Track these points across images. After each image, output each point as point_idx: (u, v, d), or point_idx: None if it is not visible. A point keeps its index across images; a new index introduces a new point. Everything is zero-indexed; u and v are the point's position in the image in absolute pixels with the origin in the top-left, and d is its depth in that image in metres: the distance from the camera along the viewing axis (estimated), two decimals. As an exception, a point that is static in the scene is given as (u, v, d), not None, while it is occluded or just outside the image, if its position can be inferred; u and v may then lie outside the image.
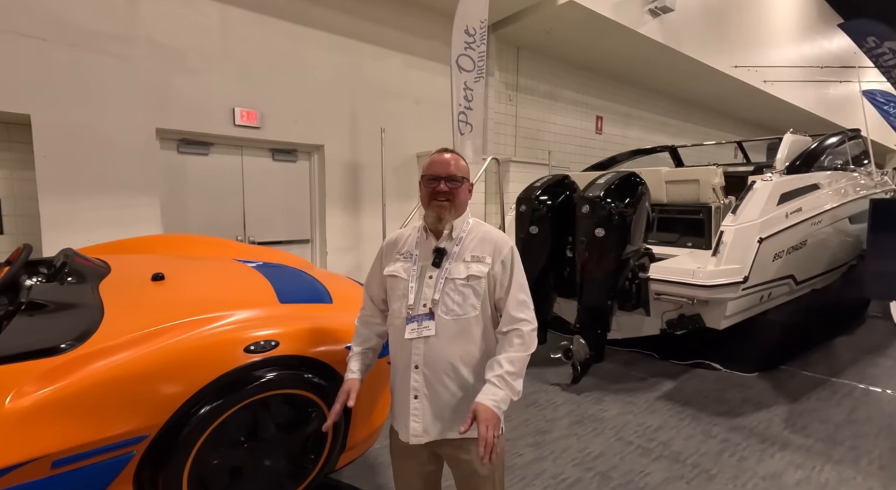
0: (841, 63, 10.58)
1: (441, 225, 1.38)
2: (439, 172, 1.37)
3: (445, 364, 1.32)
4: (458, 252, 1.37)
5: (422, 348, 1.32)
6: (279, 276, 2.35)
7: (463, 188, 1.40)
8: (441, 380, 1.32)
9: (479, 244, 1.38)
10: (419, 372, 1.33)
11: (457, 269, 1.34)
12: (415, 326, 1.33)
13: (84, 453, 1.25)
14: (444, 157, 1.40)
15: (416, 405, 1.34)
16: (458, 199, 1.38)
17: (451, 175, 1.37)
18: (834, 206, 4.07)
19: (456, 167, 1.39)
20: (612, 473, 2.47)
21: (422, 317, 1.32)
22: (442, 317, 1.32)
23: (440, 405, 1.33)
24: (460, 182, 1.39)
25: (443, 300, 1.32)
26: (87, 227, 3.81)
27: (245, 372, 1.52)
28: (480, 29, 4.53)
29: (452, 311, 1.32)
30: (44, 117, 3.64)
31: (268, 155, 5.04)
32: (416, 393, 1.33)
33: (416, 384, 1.33)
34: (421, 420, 1.34)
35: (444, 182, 1.36)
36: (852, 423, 3.03)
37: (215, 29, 4.40)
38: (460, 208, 1.40)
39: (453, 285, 1.33)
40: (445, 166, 1.38)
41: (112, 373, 1.33)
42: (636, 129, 9.40)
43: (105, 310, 1.64)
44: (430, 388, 1.33)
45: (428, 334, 1.31)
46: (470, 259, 1.35)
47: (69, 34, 3.70)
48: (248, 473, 1.62)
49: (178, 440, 1.41)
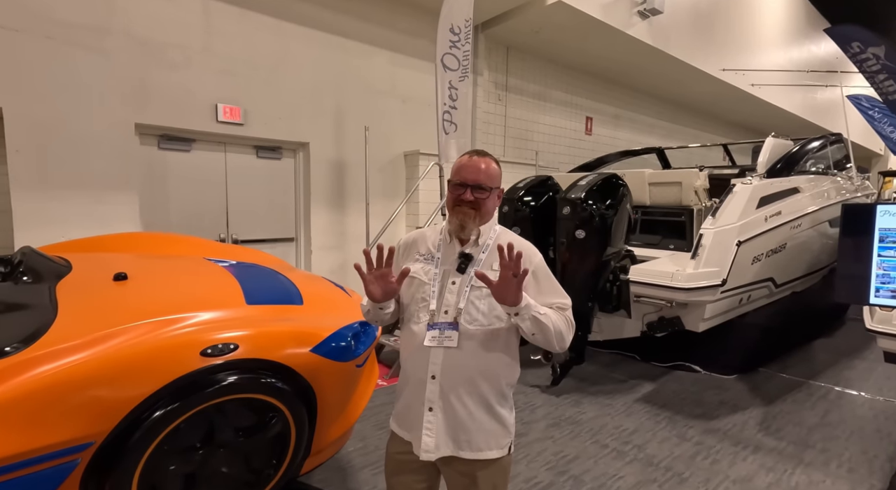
0: (829, 67, 10.68)
1: (464, 234, 1.31)
2: (467, 179, 1.28)
3: (465, 377, 1.25)
4: (484, 259, 1.30)
5: (440, 358, 1.25)
6: (250, 277, 2.32)
7: (491, 197, 1.30)
8: (458, 393, 1.25)
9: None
10: (436, 382, 1.25)
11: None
12: (436, 334, 1.25)
13: (22, 462, 1.20)
14: (474, 162, 1.29)
15: (430, 418, 1.26)
16: (485, 208, 1.30)
17: (478, 183, 1.27)
18: (814, 209, 4.10)
19: (486, 175, 1.28)
20: (585, 477, 2.46)
21: (444, 325, 1.25)
22: (466, 327, 1.25)
23: (456, 420, 1.26)
24: (488, 191, 1.29)
25: (467, 309, 1.25)
26: (62, 223, 3.73)
27: (200, 376, 1.49)
28: (465, 28, 4.50)
29: (477, 321, 1.25)
30: (16, 110, 3.56)
31: (252, 152, 4.98)
32: (430, 404, 1.26)
33: (432, 395, 1.25)
34: (434, 435, 1.25)
35: (470, 190, 1.27)
36: (825, 425, 3.05)
37: (197, 23, 4.33)
38: (486, 217, 1.32)
39: (479, 293, 1.26)
40: (475, 173, 1.28)
41: (56, 377, 1.28)
42: (626, 130, 9.42)
43: (59, 310, 1.60)
44: (444, 401, 1.25)
45: (449, 344, 1.24)
46: (498, 268, 1.25)
47: (43, 25, 3.62)
48: (205, 480, 1.58)
49: (126, 447, 1.37)
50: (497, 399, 1.30)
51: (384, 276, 1.26)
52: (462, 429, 1.27)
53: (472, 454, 1.28)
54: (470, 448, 1.27)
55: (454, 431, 1.27)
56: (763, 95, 9.86)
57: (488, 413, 1.28)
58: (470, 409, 1.26)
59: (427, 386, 1.26)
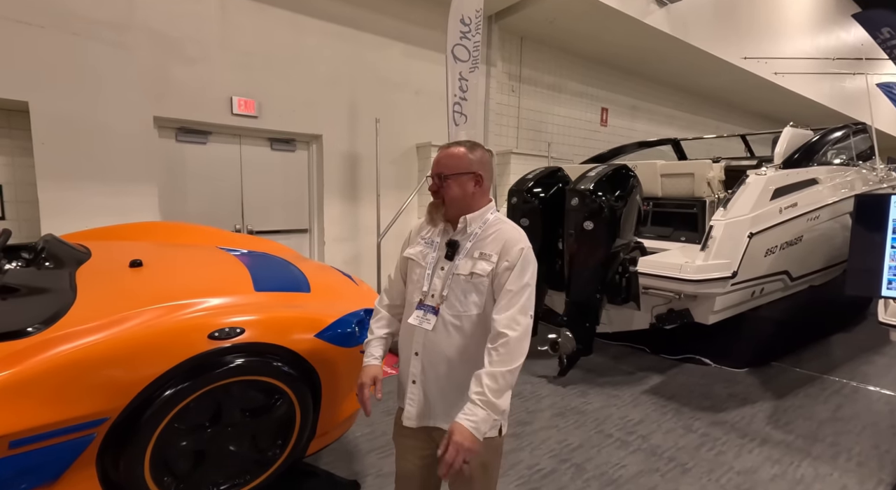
0: (859, 55, 10.28)
1: (432, 222, 1.39)
2: (433, 169, 1.38)
3: (442, 357, 1.33)
4: (469, 248, 1.35)
5: (422, 337, 1.35)
6: (259, 265, 2.39)
7: (454, 183, 1.34)
8: (437, 371, 1.34)
9: (492, 242, 1.34)
10: (418, 359, 1.35)
11: (464, 264, 1.33)
12: (420, 314, 1.35)
13: (43, 435, 1.29)
14: (441, 153, 1.37)
15: (413, 390, 1.36)
16: (449, 195, 1.35)
17: (438, 172, 1.36)
18: (833, 201, 3.99)
19: (446, 164, 1.35)
20: (587, 465, 2.48)
21: (428, 308, 1.34)
22: (444, 311, 1.33)
23: (434, 394, 1.35)
24: (448, 178, 1.34)
25: (448, 296, 1.33)
26: (85, 213, 3.87)
27: (208, 358, 1.56)
28: (476, 18, 4.48)
29: (454, 307, 1.32)
30: (42, 104, 3.69)
31: (266, 144, 5.06)
32: (413, 378, 1.36)
33: (415, 370, 1.36)
34: (415, 405, 1.36)
35: (435, 179, 1.36)
36: (837, 420, 3.01)
37: (213, 17, 4.41)
38: (454, 204, 1.35)
39: (458, 281, 1.32)
40: (436, 163, 1.36)
41: (74, 356, 1.37)
42: (643, 121, 9.25)
43: (78, 294, 1.69)
44: (426, 376, 1.35)
45: (427, 327, 1.33)
46: (478, 256, 1.32)
47: (67, 22, 3.73)
48: (213, 458, 1.66)
49: (139, 423, 1.45)
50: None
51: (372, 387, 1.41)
52: (440, 402, 1.35)
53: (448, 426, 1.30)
54: (446, 422, 1.31)
55: (433, 405, 1.36)
56: (787, 84, 9.56)
57: (464, 394, 1.29)
58: (447, 384, 1.34)
59: (411, 360, 1.37)
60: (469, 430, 1.17)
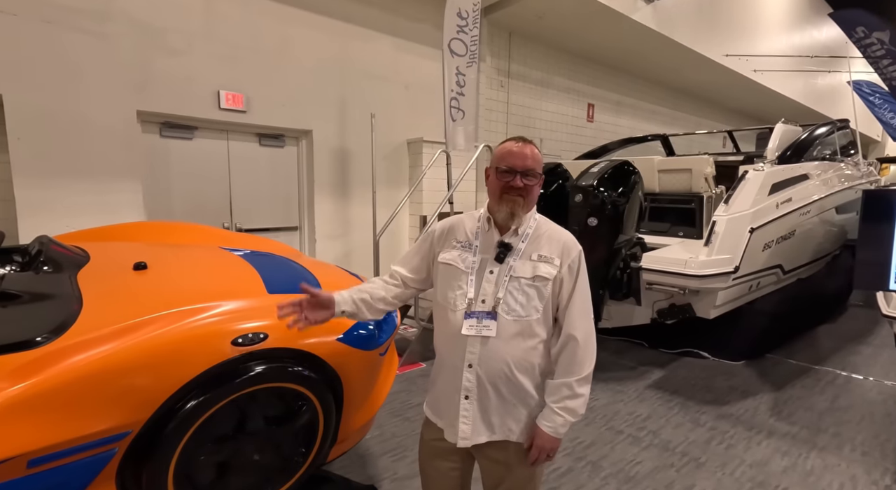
0: (831, 53, 10.63)
1: (513, 221, 1.28)
2: (516, 165, 1.25)
3: (501, 366, 1.25)
4: (523, 249, 1.28)
5: (478, 347, 1.25)
6: (267, 265, 2.29)
7: (538, 183, 1.30)
8: (494, 382, 1.26)
9: (548, 243, 1.29)
10: (472, 371, 1.26)
11: (522, 267, 1.26)
12: (474, 323, 1.25)
13: (62, 452, 1.19)
14: (522, 148, 1.27)
15: (467, 406, 1.27)
16: (532, 195, 1.29)
17: (528, 169, 1.25)
18: (822, 196, 4.10)
19: (534, 161, 1.27)
20: (603, 463, 2.48)
21: (482, 314, 1.25)
22: (503, 317, 1.24)
23: (490, 408, 1.27)
24: (537, 177, 1.28)
25: (505, 299, 1.25)
26: (66, 212, 3.68)
27: (233, 365, 1.47)
28: (473, 12, 4.43)
29: (514, 312, 1.25)
30: (17, 97, 3.48)
31: (254, 140, 4.91)
32: (467, 393, 1.26)
33: (469, 384, 1.26)
34: (471, 422, 1.27)
35: (520, 177, 1.25)
36: (835, 410, 3.09)
37: (198, 7, 4.23)
38: (531, 204, 1.31)
39: (517, 284, 1.25)
40: (523, 159, 1.26)
41: (91, 367, 1.26)
42: (627, 117, 9.37)
43: (84, 300, 1.57)
44: (481, 389, 1.26)
45: (488, 334, 1.24)
46: (537, 258, 1.26)
47: (42, 9, 3.52)
48: (236, 468, 1.58)
49: (162, 436, 1.35)
50: (534, 388, 1.29)
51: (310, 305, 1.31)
52: (496, 415, 1.28)
53: (504, 436, 1.29)
54: (503, 432, 1.28)
55: (488, 418, 1.28)
56: (765, 81, 9.83)
57: (524, 402, 1.28)
58: (506, 397, 1.27)
59: (463, 374, 1.27)
60: (549, 433, 1.25)
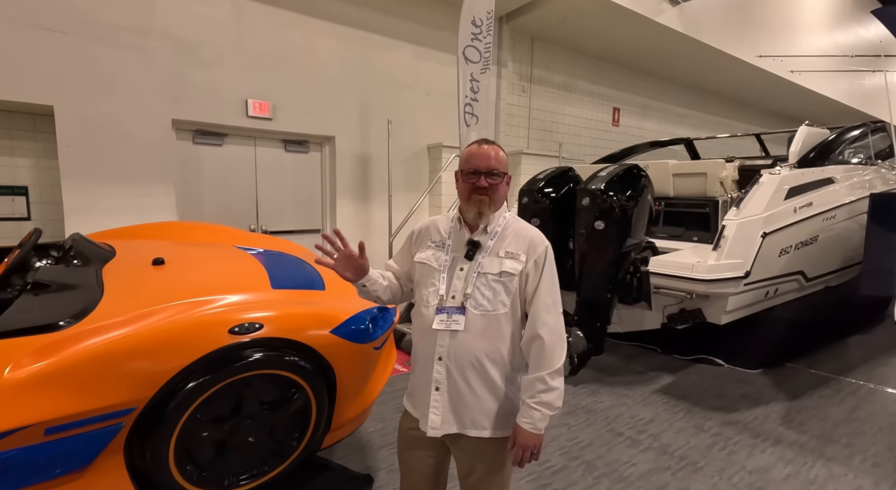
0: (878, 51, 10.08)
1: (482, 220, 1.34)
2: (479, 166, 1.32)
3: (470, 359, 1.31)
4: (492, 246, 1.34)
5: (447, 341, 1.31)
6: (276, 263, 2.45)
7: (503, 182, 1.35)
8: (464, 374, 1.31)
9: (514, 240, 1.34)
10: (442, 364, 1.32)
11: (490, 263, 1.32)
12: (444, 318, 1.31)
13: (75, 422, 1.36)
14: (484, 150, 1.34)
15: (437, 397, 1.32)
16: (498, 193, 1.34)
17: (491, 169, 1.32)
18: (850, 200, 3.94)
19: (496, 160, 1.33)
20: (598, 463, 2.50)
21: (452, 309, 1.31)
22: (471, 311, 1.30)
23: (460, 399, 1.32)
24: (501, 177, 1.33)
25: (473, 295, 1.31)
26: (107, 213, 3.99)
27: (229, 352, 1.62)
28: (487, 20, 4.52)
29: (482, 306, 1.30)
30: (65, 108, 3.81)
31: (280, 146, 5.15)
32: (437, 384, 1.32)
33: (439, 376, 1.32)
34: (440, 412, 1.32)
35: (484, 177, 1.31)
36: (852, 421, 2.98)
37: (228, 21, 4.51)
38: (498, 203, 1.36)
39: (485, 280, 1.31)
40: (486, 160, 1.32)
41: (104, 349, 1.43)
42: (655, 120, 9.20)
43: (105, 291, 1.76)
44: (451, 382, 1.32)
45: (456, 328, 1.30)
46: (504, 255, 1.32)
47: (89, 28, 3.85)
48: (233, 447, 1.72)
49: (164, 413, 1.51)
50: (504, 381, 1.34)
51: (348, 258, 1.36)
52: (466, 408, 1.32)
53: (477, 432, 1.33)
54: (475, 427, 1.33)
55: (458, 410, 1.33)
56: (804, 82, 9.42)
57: (494, 394, 1.33)
58: (475, 390, 1.32)
59: (434, 366, 1.33)
60: (529, 430, 1.27)
